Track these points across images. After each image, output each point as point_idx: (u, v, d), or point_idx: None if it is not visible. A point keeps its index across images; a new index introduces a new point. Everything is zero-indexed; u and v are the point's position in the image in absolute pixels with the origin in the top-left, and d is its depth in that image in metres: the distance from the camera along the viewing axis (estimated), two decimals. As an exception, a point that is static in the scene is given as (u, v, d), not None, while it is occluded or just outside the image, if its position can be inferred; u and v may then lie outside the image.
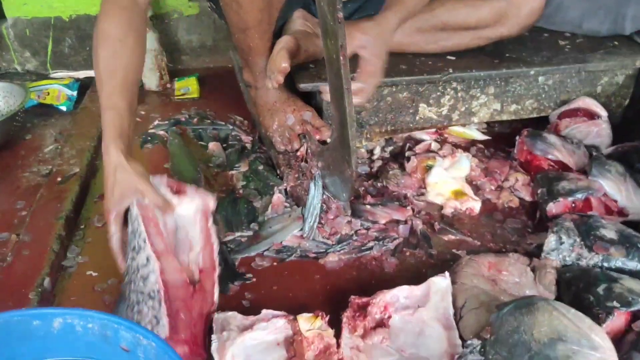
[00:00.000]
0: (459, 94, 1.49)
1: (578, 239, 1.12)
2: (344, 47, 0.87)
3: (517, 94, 1.53)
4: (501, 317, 0.88)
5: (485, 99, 1.52)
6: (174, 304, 0.96)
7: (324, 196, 1.27)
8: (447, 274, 1.05)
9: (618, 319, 0.94)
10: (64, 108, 1.74)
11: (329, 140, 1.30)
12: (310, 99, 1.46)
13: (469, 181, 1.43)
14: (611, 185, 1.26)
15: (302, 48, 1.33)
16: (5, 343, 0.62)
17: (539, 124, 1.59)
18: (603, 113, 1.50)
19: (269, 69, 1.27)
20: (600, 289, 0.98)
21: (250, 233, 1.25)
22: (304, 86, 1.37)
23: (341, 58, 0.87)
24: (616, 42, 1.60)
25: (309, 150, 1.33)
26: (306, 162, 1.32)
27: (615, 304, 0.94)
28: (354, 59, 1.12)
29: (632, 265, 1.07)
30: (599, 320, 0.93)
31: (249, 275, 1.16)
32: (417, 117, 1.51)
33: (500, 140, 1.61)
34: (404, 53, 1.49)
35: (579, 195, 1.25)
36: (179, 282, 0.98)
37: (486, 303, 0.99)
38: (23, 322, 0.62)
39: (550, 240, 1.13)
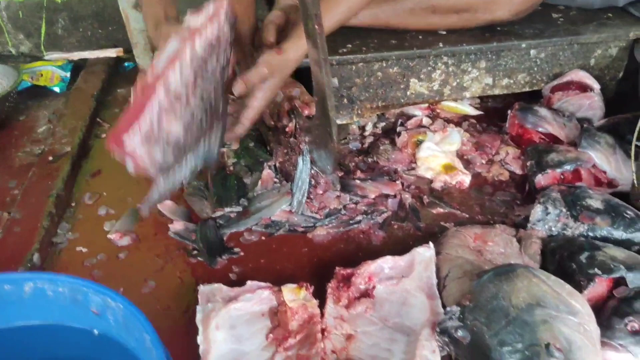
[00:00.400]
0: (450, 69, 1.48)
1: (564, 209, 1.11)
2: (318, 17, 0.87)
3: (509, 67, 1.52)
4: (481, 284, 0.88)
5: (477, 73, 1.51)
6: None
7: (313, 171, 1.27)
8: (430, 244, 1.05)
9: (599, 286, 0.94)
10: (57, 89, 1.75)
11: (317, 115, 1.30)
12: (299, 75, 1.46)
13: (460, 155, 1.43)
14: (600, 157, 1.26)
15: (291, 22, 1.33)
16: (-23, 308, 0.63)
17: (533, 98, 1.58)
18: (595, 85, 1.49)
19: (256, 43, 1.28)
20: (583, 257, 0.97)
21: (239, 209, 1.26)
22: (292, 62, 1.36)
23: (316, 27, 0.87)
24: (610, 14, 1.58)
25: (297, 126, 1.33)
26: (295, 137, 1.32)
27: (596, 271, 0.94)
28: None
29: (618, 234, 1.07)
30: (580, 288, 0.93)
31: (236, 249, 1.17)
32: (409, 93, 1.51)
33: (493, 115, 1.60)
34: (394, 29, 1.48)
35: (568, 167, 1.25)
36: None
37: (470, 272, 1.00)
38: (-5, 287, 0.63)
39: (537, 211, 1.13)
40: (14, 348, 0.64)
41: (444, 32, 1.49)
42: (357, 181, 1.33)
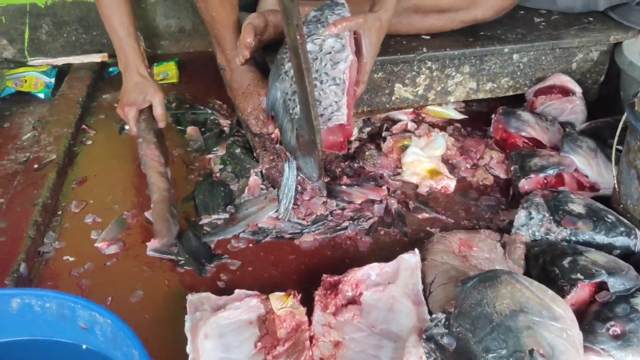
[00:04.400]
0: (434, 73, 1.50)
1: (547, 214, 1.13)
2: (300, 27, 0.87)
3: (493, 72, 1.53)
4: (465, 290, 0.89)
5: (461, 77, 1.52)
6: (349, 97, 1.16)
7: (299, 177, 1.28)
8: (416, 250, 1.06)
9: (582, 291, 0.96)
10: (41, 95, 1.74)
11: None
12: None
13: (445, 160, 1.45)
14: (582, 161, 1.28)
15: (270, 25, 1.33)
16: (-37, 324, 0.63)
17: (517, 102, 1.60)
18: (577, 89, 1.51)
19: (237, 46, 1.29)
20: (566, 262, 0.99)
21: (226, 216, 1.27)
22: (277, 68, 1.36)
23: (298, 37, 0.88)
24: (590, 18, 1.60)
25: (283, 132, 1.34)
26: (281, 144, 1.33)
27: (579, 276, 0.96)
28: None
29: (600, 238, 1.09)
30: (563, 293, 0.95)
31: (224, 255, 1.17)
32: (393, 98, 1.52)
33: (478, 119, 1.62)
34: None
35: (550, 171, 1.27)
36: (353, 78, 1.18)
37: (455, 278, 1.01)
38: (-20, 303, 0.63)
39: (520, 216, 1.15)
40: (2, 365, 0.64)
41: (428, 37, 1.51)
42: (344, 187, 1.34)
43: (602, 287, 0.97)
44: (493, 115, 1.51)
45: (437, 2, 1.44)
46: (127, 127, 1.57)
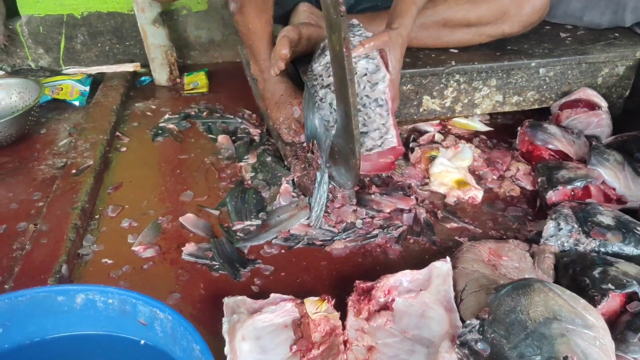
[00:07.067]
0: (462, 86, 1.53)
1: (576, 226, 1.15)
2: (347, 40, 0.90)
3: (519, 85, 1.56)
4: (499, 298, 0.92)
5: (488, 90, 1.55)
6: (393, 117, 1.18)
7: (330, 186, 1.30)
8: (448, 258, 1.08)
9: (613, 301, 0.98)
10: (77, 103, 1.79)
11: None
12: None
13: (472, 171, 1.47)
14: (609, 174, 1.30)
15: (304, 37, 1.37)
16: (31, 318, 0.66)
17: (541, 115, 1.62)
18: (603, 104, 1.53)
19: (272, 57, 1.32)
20: (596, 272, 1.01)
21: (259, 222, 1.30)
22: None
23: (344, 50, 0.91)
24: (617, 34, 1.62)
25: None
26: (312, 153, 1.36)
27: (610, 286, 0.97)
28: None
29: (629, 250, 1.10)
30: (594, 302, 0.96)
31: (258, 260, 1.20)
32: (421, 109, 1.55)
33: (503, 131, 1.65)
34: (408, 47, 1.52)
35: (578, 184, 1.29)
36: (393, 97, 1.20)
37: (486, 286, 1.03)
38: (48, 298, 0.66)
39: (549, 227, 1.17)
40: (65, 356, 0.67)
41: (456, 51, 1.53)
42: (373, 196, 1.36)
43: (632, 297, 0.98)
44: (519, 128, 1.53)
45: (466, 16, 1.47)
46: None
